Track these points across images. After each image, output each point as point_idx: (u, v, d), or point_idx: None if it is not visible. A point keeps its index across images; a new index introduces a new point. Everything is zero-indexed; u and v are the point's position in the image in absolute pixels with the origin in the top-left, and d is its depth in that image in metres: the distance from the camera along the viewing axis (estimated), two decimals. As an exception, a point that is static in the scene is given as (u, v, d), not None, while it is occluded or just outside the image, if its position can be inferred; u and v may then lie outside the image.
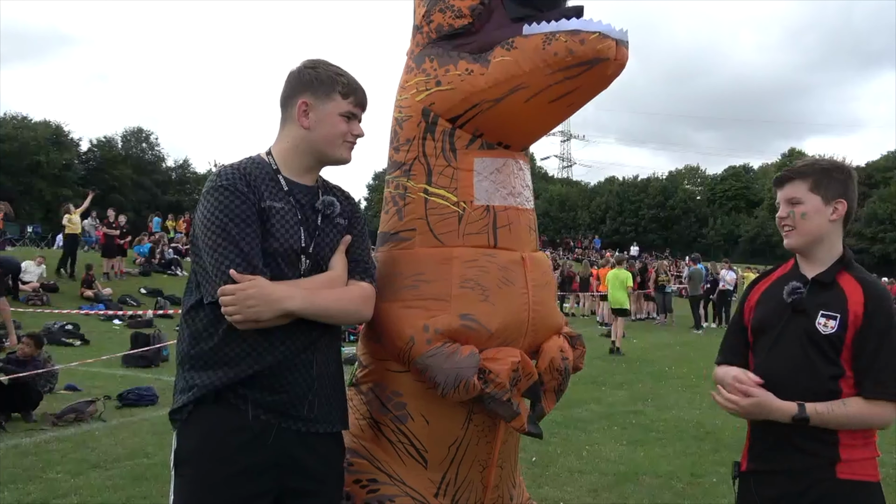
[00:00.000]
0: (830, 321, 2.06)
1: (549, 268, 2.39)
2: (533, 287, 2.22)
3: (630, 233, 63.54)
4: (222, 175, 1.94)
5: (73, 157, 50.11)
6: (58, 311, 13.47)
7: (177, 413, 1.96)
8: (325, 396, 2.02)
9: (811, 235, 2.16)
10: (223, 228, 1.86)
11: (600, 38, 1.97)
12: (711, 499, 4.91)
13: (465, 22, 2.20)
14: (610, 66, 2.00)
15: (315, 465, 2.00)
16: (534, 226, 2.34)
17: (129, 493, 4.77)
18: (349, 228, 2.11)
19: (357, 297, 2.03)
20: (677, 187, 68.24)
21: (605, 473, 5.42)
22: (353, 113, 2.05)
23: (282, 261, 1.95)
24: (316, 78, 2.01)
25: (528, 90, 2.08)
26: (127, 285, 18.15)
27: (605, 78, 2.05)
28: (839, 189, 2.15)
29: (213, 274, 1.86)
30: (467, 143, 2.24)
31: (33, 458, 5.47)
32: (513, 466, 2.43)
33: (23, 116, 49.05)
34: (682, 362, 11.89)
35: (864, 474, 2.05)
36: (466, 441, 2.27)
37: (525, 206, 2.29)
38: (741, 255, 52.16)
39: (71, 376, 8.50)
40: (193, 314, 1.96)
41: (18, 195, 42.99)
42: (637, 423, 7.18)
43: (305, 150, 2.04)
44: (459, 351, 2.09)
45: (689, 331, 17.57)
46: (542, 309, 2.23)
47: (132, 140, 57.28)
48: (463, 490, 2.32)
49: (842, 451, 2.05)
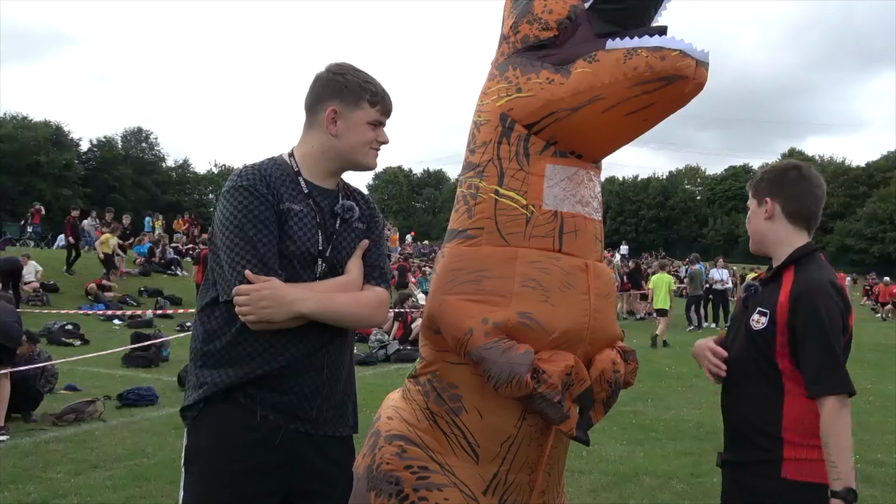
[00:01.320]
0: (762, 318, 2.11)
1: (611, 279, 2.42)
2: (595, 295, 2.26)
3: (630, 233, 63.54)
4: (243, 175, 1.96)
5: (73, 157, 50.07)
6: (57, 312, 13.47)
7: (188, 410, 1.97)
8: (335, 400, 2.03)
9: (755, 235, 2.29)
10: (241, 229, 1.88)
11: (681, 56, 2.03)
12: (711, 499, 4.90)
13: (551, 34, 2.27)
14: (688, 85, 2.05)
15: (324, 467, 2.00)
16: (600, 236, 2.38)
17: (129, 493, 4.77)
18: (367, 233, 2.12)
19: (371, 301, 2.03)
20: (677, 187, 68.28)
21: (605, 473, 5.42)
22: (380, 121, 2.07)
23: (297, 263, 1.96)
24: (345, 86, 2.02)
25: (605, 101, 2.14)
26: (127, 285, 18.16)
27: (682, 95, 2.09)
28: (768, 189, 2.23)
29: (229, 273, 1.88)
30: (541, 149, 2.29)
31: (33, 458, 5.47)
32: (559, 473, 2.46)
33: (23, 116, 49.10)
34: (682, 362, 11.88)
35: (812, 475, 2.00)
36: (519, 440, 2.29)
37: (593, 216, 2.34)
38: (741, 255, 52.16)
39: (71, 376, 8.51)
40: (209, 311, 1.98)
41: (18, 195, 43.07)
42: (637, 423, 7.19)
43: (332, 157, 2.06)
44: (516, 347, 2.13)
45: (684, 330, 17.53)
46: (601, 318, 2.27)
47: (132, 140, 57.28)
48: (511, 491, 2.34)
49: (786, 449, 2.04)
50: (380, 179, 75.54)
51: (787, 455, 2.04)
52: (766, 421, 2.08)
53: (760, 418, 2.09)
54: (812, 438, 2.02)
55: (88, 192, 48.72)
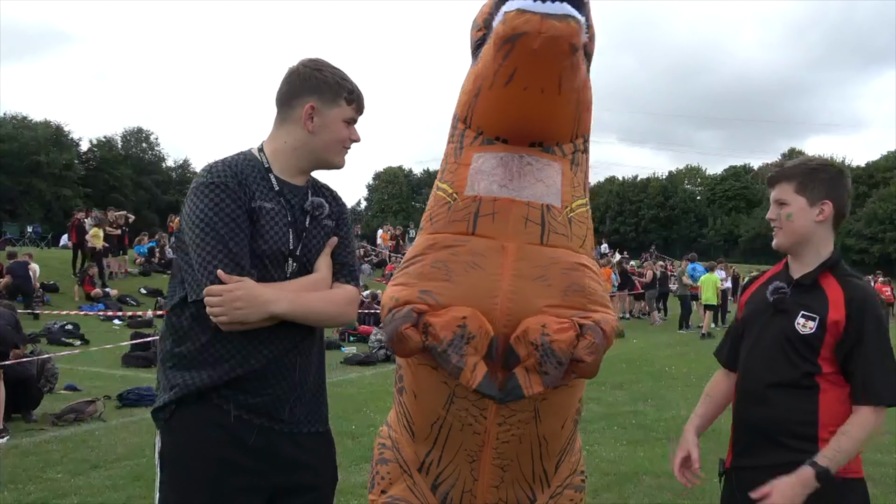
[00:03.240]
0: (810, 322, 2.09)
1: (554, 264, 2.29)
2: (513, 276, 2.21)
3: (630, 233, 63.60)
4: (213, 171, 1.91)
5: (73, 157, 50.07)
6: (58, 312, 13.48)
7: (160, 412, 1.94)
8: (306, 400, 2.02)
9: (796, 236, 2.19)
10: (212, 226, 1.84)
11: (518, 14, 1.96)
12: (711, 499, 4.90)
13: (482, 33, 2.28)
14: (534, 40, 1.96)
15: (306, 460, 2.00)
16: (537, 219, 2.29)
17: (129, 493, 4.78)
18: (336, 230, 2.11)
19: (342, 299, 2.04)
20: (677, 187, 68.31)
21: (605, 473, 5.42)
22: (354, 118, 2.07)
23: (269, 262, 1.93)
24: (323, 82, 2.00)
25: (487, 80, 2.13)
26: (127, 285, 18.16)
27: (533, 53, 1.99)
28: (825, 190, 2.16)
29: (199, 272, 1.84)
30: (472, 140, 2.32)
31: (33, 458, 5.48)
32: (528, 476, 2.40)
33: (23, 116, 49.10)
34: (682, 362, 11.90)
35: (846, 470, 2.05)
36: (449, 423, 2.31)
37: (527, 199, 2.28)
38: (741, 256, 52.19)
39: (71, 376, 8.51)
40: (178, 312, 1.94)
41: (18, 195, 43.10)
42: (637, 423, 7.19)
43: (303, 154, 2.03)
44: (401, 309, 2.17)
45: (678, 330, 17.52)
46: (520, 300, 2.21)
47: (132, 140, 57.29)
48: (447, 475, 2.38)
49: (822, 446, 2.05)
50: (380, 179, 75.58)
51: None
52: (801, 423, 2.08)
53: (795, 420, 2.09)
54: None
55: (88, 192, 48.74)
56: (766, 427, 2.15)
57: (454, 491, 2.39)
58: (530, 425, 2.31)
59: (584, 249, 2.37)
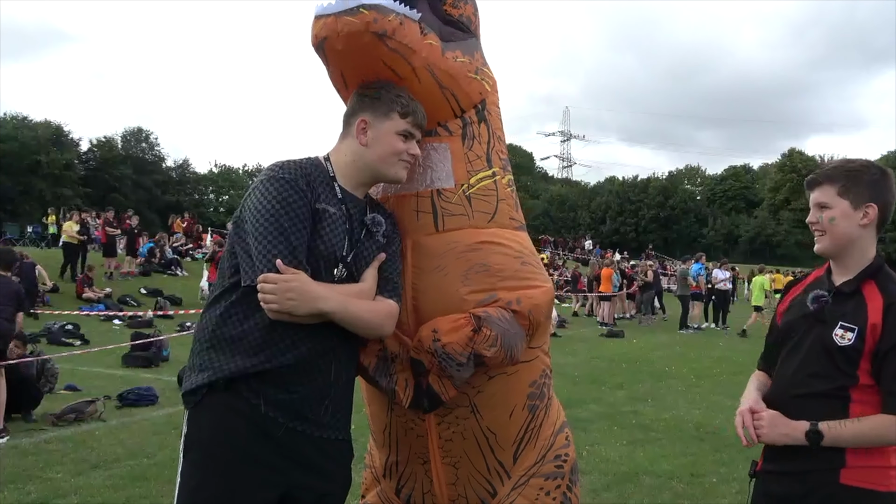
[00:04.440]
0: (848, 333, 2.02)
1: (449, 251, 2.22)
2: (413, 274, 2.21)
3: (630, 233, 63.57)
4: (284, 168, 1.99)
5: (73, 157, 50.09)
6: (58, 312, 13.48)
7: (191, 395, 1.98)
8: (337, 405, 2.06)
9: (840, 240, 2.11)
10: (276, 218, 1.90)
11: (315, 21, 2.04)
12: (711, 499, 4.91)
13: None
14: (337, 41, 2.02)
15: (323, 464, 2.02)
16: (427, 207, 2.25)
17: (129, 493, 4.77)
18: (385, 247, 2.16)
19: (384, 312, 2.08)
20: (677, 187, 68.28)
21: (605, 473, 5.42)
22: (411, 132, 2.12)
23: (321, 263, 1.99)
24: (377, 98, 2.09)
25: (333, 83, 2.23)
26: (127, 285, 18.16)
27: (342, 54, 2.06)
28: (869, 193, 2.08)
29: (258, 259, 1.89)
30: None
31: (33, 458, 5.48)
32: (483, 470, 2.36)
33: (23, 116, 49.11)
34: (682, 362, 11.89)
35: (872, 482, 2.00)
36: (395, 428, 2.34)
37: (415, 189, 2.26)
38: (741, 256, 52.16)
39: (71, 376, 8.50)
40: (227, 296, 1.99)
41: (18, 195, 43.09)
42: (637, 423, 7.18)
43: (361, 167, 2.10)
44: None
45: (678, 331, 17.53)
46: (426, 296, 2.21)
47: (132, 140, 57.26)
48: (407, 477, 2.41)
49: (848, 457, 2.02)
50: (380, 179, 75.44)
51: (850, 463, 2.02)
52: None
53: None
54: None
55: (88, 192, 48.76)
56: None
57: (415, 493, 2.40)
58: (470, 420, 2.27)
59: (494, 223, 2.29)
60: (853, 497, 2.01)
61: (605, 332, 16.03)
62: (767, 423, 2.10)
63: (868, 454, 2.02)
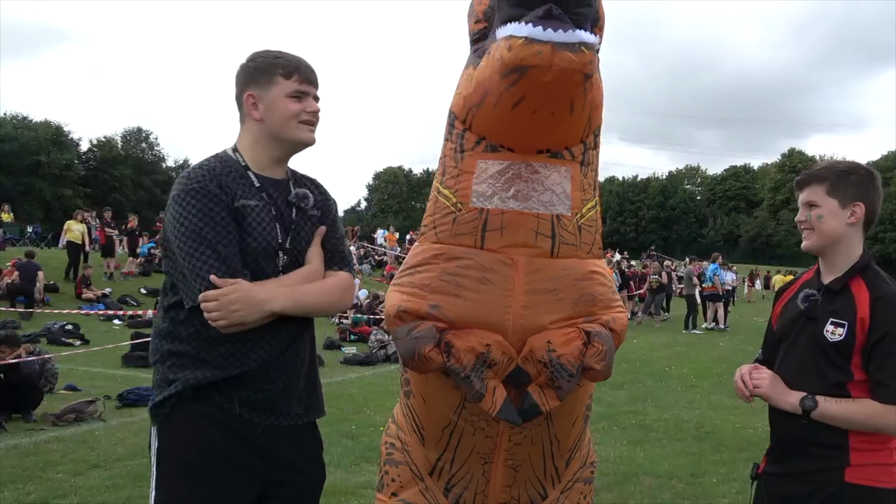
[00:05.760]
0: (839, 329, 2.07)
1: (566, 276, 2.24)
2: (525, 292, 2.18)
3: (630, 233, 63.59)
4: (192, 178, 1.91)
5: (73, 157, 50.10)
6: (58, 312, 13.47)
7: (159, 407, 1.95)
8: (306, 388, 2.06)
9: (827, 238, 2.17)
10: (198, 233, 1.84)
11: (525, 44, 1.84)
12: (711, 499, 4.91)
13: (481, 26, 2.20)
14: (545, 74, 1.86)
15: (296, 458, 2.03)
16: (547, 231, 2.23)
17: (129, 493, 4.77)
18: (322, 219, 2.11)
19: (337, 287, 2.05)
20: (677, 187, 68.32)
21: (605, 473, 5.41)
22: (303, 91, 2.01)
23: (260, 259, 1.94)
24: (256, 68, 2.01)
25: (491, 96, 2.04)
26: (127, 285, 18.16)
27: (546, 86, 1.89)
28: (856, 192, 2.14)
29: (192, 279, 1.85)
30: (473, 144, 2.23)
31: (33, 458, 5.47)
32: (540, 474, 2.41)
33: (23, 117, 49.12)
34: (682, 362, 11.89)
35: (876, 480, 2.04)
36: (461, 428, 2.29)
37: (536, 209, 2.20)
38: (741, 256, 52.22)
39: (71, 376, 8.50)
40: (174, 314, 1.95)
41: (18, 195, 43.07)
42: (637, 423, 7.18)
43: (266, 143, 2.03)
44: (422, 325, 2.14)
45: (681, 331, 17.54)
46: (533, 314, 2.19)
47: (132, 140, 57.32)
48: (459, 478, 2.37)
49: (852, 455, 2.04)
50: (380, 179, 75.63)
51: (854, 461, 2.04)
52: (830, 431, 2.06)
53: (825, 429, 2.07)
54: (877, 441, 2.05)
55: (88, 192, 48.76)
56: (796, 436, 2.14)
57: (467, 493, 2.38)
58: (542, 427, 2.30)
59: (591, 255, 2.32)
60: (858, 495, 2.03)
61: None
62: (768, 381, 2.18)
63: (872, 452, 2.05)
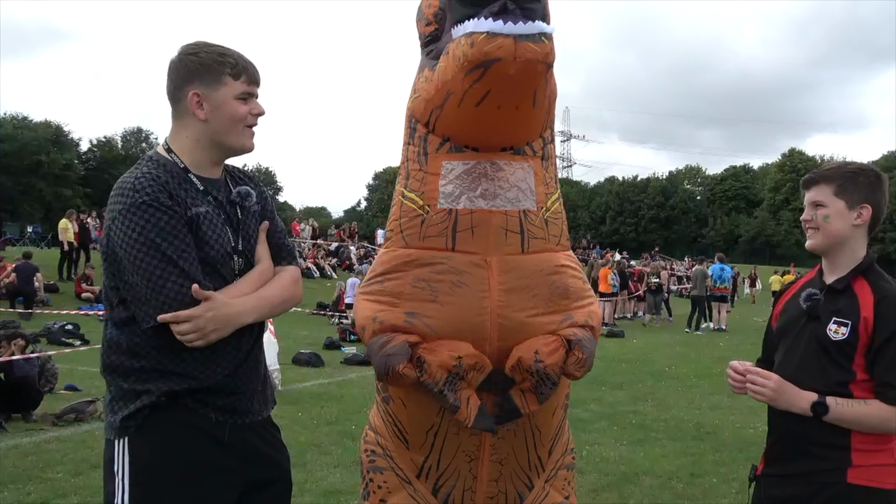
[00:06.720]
0: (842, 328, 2.07)
1: (538, 271, 2.25)
2: (501, 291, 2.18)
3: (630, 233, 63.60)
4: (139, 189, 1.79)
5: (73, 157, 50.12)
6: (58, 312, 13.47)
7: (130, 419, 1.83)
8: (263, 383, 2.07)
9: (833, 238, 2.17)
10: (156, 248, 1.75)
11: (488, 38, 1.86)
12: (711, 499, 4.91)
13: (431, 28, 2.21)
14: (510, 66, 1.88)
15: (269, 452, 2.03)
16: (516, 227, 2.24)
17: (129, 493, 4.77)
18: (263, 213, 2.08)
19: (290, 283, 2.06)
20: (677, 187, 68.34)
21: (605, 473, 5.42)
22: (249, 92, 1.95)
23: (218, 265, 1.90)
24: (200, 64, 1.89)
25: (454, 95, 2.05)
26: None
27: (509, 78, 1.91)
28: (864, 194, 2.15)
29: (150, 297, 1.76)
30: (437, 146, 2.24)
31: (33, 458, 5.47)
32: (525, 466, 2.43)
33: (23, 117, 49.12)
34: (682, 362, 11.89)
35: (879, 481, 2.04)
36: (444, 429, 2.31)
37: (503, 207, 2.21)
38: (741, 256, 52.23)
39: (71, 376, 8.50)
40: (131, 329, 1.84)
41: (18, 195, 43.08)
42: (637, 423, 7.18)
43: (207, 145, 1.94)
44: (394, 339, 2.14)
45: (682, 331, 17.54)
46: (512, 314, 2.19)
47: (132, 140, 57.34)
48: (447, 477, 2.39)
49: (854, 456, 2.05)
50: (380, 179, 75.55)
51: (856, 462, 2.05)
52: (832, 432, 2.06)
53: (827, 429, 2.07)
54: (879, 442, 2.06)
55: (88, 192, 48.75)
56: (797, 436, 2.13)
57: (455, 491, 2.39)
58: (524, 420, 2.32)
59: (560, 246, 2.35)
60: (861, 496, 2.03)
61: (606, 331, 16.01)
62: (775, 388, 2.13)
63: (873, 453, 2.06)
